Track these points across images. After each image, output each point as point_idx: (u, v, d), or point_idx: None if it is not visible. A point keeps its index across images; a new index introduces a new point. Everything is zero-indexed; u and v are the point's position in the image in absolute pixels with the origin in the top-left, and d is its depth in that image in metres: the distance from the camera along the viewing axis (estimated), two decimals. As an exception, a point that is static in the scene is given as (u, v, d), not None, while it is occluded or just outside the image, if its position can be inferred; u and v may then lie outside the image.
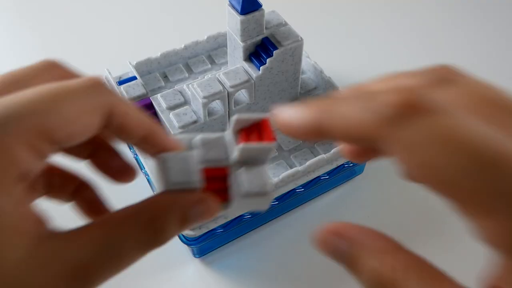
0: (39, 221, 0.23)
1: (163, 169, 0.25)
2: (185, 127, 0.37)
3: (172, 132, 0.37)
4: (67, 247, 0.22)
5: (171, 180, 0.25)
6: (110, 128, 0.23)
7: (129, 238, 0.23)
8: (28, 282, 0.21)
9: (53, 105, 0.21)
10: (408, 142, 0.17)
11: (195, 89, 0.37)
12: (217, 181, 0.26)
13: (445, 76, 0.19)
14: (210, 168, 0.25)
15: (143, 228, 0.23)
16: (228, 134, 0.26)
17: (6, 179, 0.21)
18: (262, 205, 0.25)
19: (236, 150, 0.25)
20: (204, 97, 0.36)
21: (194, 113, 0.38)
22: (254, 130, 0.25)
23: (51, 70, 0.25)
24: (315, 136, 0.21)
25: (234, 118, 0.24)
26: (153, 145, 0.24)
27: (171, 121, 0.38)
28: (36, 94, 0.21)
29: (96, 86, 0.23)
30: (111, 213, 0.23)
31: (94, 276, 0.22)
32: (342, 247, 0.20)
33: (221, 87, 0.37)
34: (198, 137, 0.25)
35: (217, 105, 0.39)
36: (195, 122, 0.38)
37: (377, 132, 0.18)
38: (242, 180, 0.25)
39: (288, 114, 0.22)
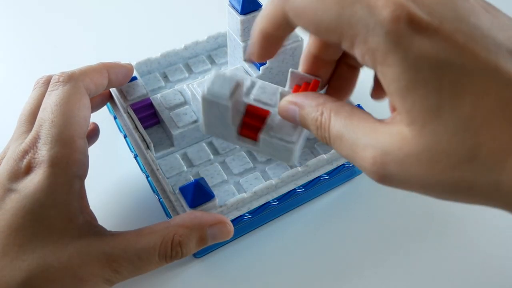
0: (92, 216, 0.31)
1: (209, 80, 0.29)
2: (185, 127, 0.37)
3: (173, 133, 0.37)
4: (109, 244, 0.28)
5: (210, 88, 0.28)
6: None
7: (154, 251, 0.29)
8: (74, 259, 0.27)
9: None
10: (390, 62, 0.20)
11: (195, 89, 0.37)
12: (256, 119, 0.30)
13: None
14: (255, 106, 0.30)
15: (166, 245, 0.29)
16: (284, 89, 0.30)
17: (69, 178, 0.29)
18: (286, 157, 0.30)
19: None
20: (204, 97, 0.36)
21: (194, 113, 0.38)
22: (305, 88, 0.28)
23: None
24: (278, 24, 0.25)
25: (290, 70, 0.29)
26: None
27: (171, 121, 0.38)
28: None
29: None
30: (146, 227, 0.30)
31: (122, 273, 0.28)
32: (294, 110, 0.27)
33: (221, 87, 0.37)
34: (260, 82, 0.30)
35: (217, 105, 0.39)
36: (195, 122, 0.38)
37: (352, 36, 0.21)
38: (275, 124, 0.29)
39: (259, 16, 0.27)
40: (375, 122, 0.23)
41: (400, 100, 0.21)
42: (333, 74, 0.29)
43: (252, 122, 0.31)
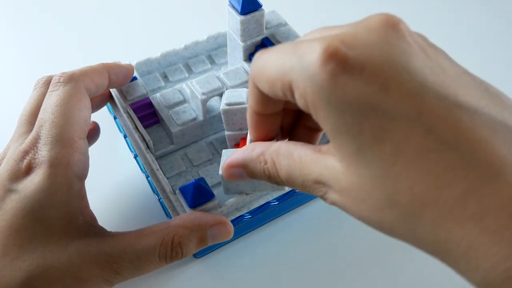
0: (92, 217, 0.31)
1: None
2: (184, 125, 0.37)
3: (172, 130, 0.37)
4: (109, 245, 0.28)
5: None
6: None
7: (154, 252, 0.29)
8: (74, 260, 0.27)
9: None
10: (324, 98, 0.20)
11: (193, 86, 0.37)
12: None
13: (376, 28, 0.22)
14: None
15: (166, 245, 0.29)
16: None
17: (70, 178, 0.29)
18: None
19: None
20: (203, 93, 0.36)
21: (193, 110, 0.38)
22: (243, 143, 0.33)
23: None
24: (255, 91, 0.25)
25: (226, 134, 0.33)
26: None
27: (171, 119, 0.38)
28: None
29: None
30: (146, 227, 0.30)
31: (122, 273, 0.29)
32: (240, 172, 0.27)
33: (219, 84, 0.37)
34: None
35: (216, 102, 0.39)
36: (194, 119, 0.38)
37: (290, 80, 0.21)
38: None
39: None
40: (314, 153, 0.23)
41: (330, 139, 0.21)
42: (292, 135, 0.29)
43: (240, 146, 0.33)
